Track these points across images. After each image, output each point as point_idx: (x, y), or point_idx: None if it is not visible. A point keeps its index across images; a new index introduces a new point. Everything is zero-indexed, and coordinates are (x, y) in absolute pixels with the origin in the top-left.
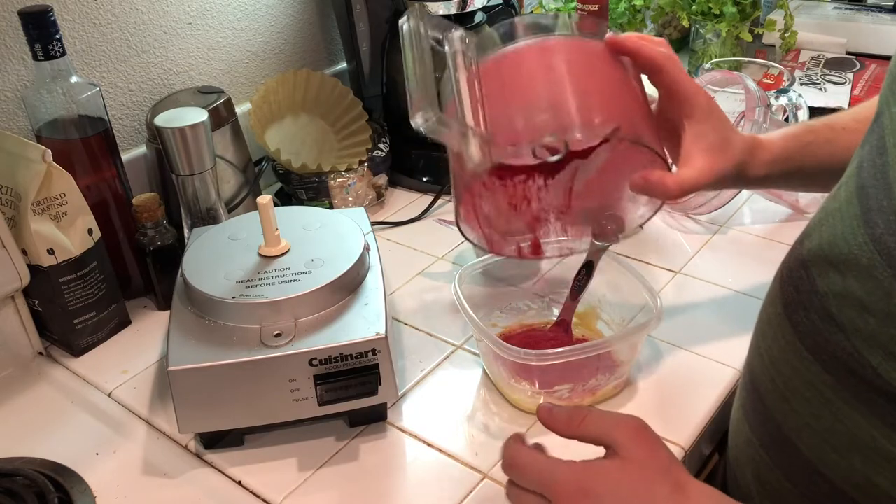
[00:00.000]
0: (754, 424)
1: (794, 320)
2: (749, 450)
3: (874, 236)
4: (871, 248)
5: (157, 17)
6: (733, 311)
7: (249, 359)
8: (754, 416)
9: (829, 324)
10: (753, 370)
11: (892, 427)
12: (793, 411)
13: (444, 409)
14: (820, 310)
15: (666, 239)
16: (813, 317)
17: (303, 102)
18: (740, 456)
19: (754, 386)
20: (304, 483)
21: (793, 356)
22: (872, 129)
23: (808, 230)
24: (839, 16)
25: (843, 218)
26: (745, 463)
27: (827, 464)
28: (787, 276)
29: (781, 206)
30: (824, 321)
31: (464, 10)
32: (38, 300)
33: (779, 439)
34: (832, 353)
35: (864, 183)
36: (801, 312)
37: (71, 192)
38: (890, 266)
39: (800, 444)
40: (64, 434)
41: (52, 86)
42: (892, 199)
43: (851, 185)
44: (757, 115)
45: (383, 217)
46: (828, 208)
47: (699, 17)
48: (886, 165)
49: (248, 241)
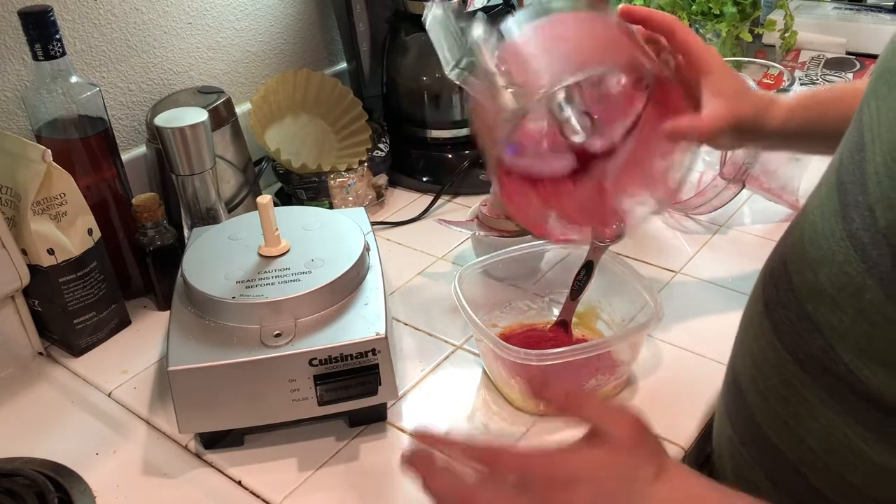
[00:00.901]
0: (736, 422)
1: (774, 318)
2: (730, 447)
3: (850, 231)
4: (847, 243)
5: (157, 17)
6: (733, 312)
7: (249, 359)
8: (736, 413)
9: (806, 322)
10: (736, 368)
11: (865, 425)
12: (771, 410)
13: (444, 409)
14: (797, 308)
15: (666, 239)
16: (791, 315)
17: (303, 102)
18: (723, 453)
19: (736, 384)
20: (304, 483)
21: (772, 354)
22: (853, 125)
23: (790, 227)
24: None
25: (822, 214)
26: (727, 460)
27: (805, 462)
28: (769, 275)
29: (781, 206)
30: (801, 319)
31: (464, 10)
32: (38, 300)
33: (759, 437)
34: (808, 352)
35: (843, 178)
36: (780, 311)
37: (71, 192)
38: (863, 261)
39: (779, 442)
40: (64, 434)
41: (52, 86)
42: (868, 195)
43: (832, 181)
44: None
45: (383, 217)
46: (808, 205)
47: (699, 17)
48: (864, 161)
49: (248, 241)
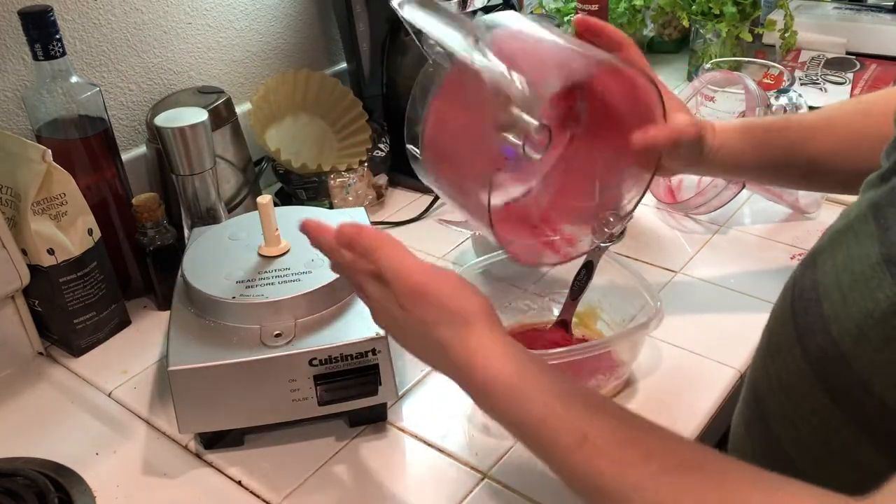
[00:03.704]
0: (757, 444)
1: (805, 345)
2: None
3: (885, 255)
4: (882, 267)
5: (157, 17)
6: (733, 311)
7: (249, 359)
8: (759, 437)
9: (834, 350)
10: (758, 390)
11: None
12: (800, 439)
13: (444, 409)
14: (825, 335)
15: (666, 239)
16: (819, 342)
17: (303, 102)
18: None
19: (759, 406)
20: (304, 483)
21: (803, 383)
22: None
23: (818, 249)
24: (839, 16)
25: (856, 236)
26: None
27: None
28: (799, 298)
29: (781, 206)
30: (830, 347)
31: (464, 10)
32: (38, 300)
33: (782, 463)
34: (837, 382)
35: (880, 201)
36: (810, 336)
37: (71, 192)
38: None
39: (805, 472)
40: (64, 434)
41: (52, 86)
42: None
43: (863, 204)
44: (757, 116)
45: (383, 217)
46: (837, 227)
47: (699, 17)
48: None
49: (248, 241)
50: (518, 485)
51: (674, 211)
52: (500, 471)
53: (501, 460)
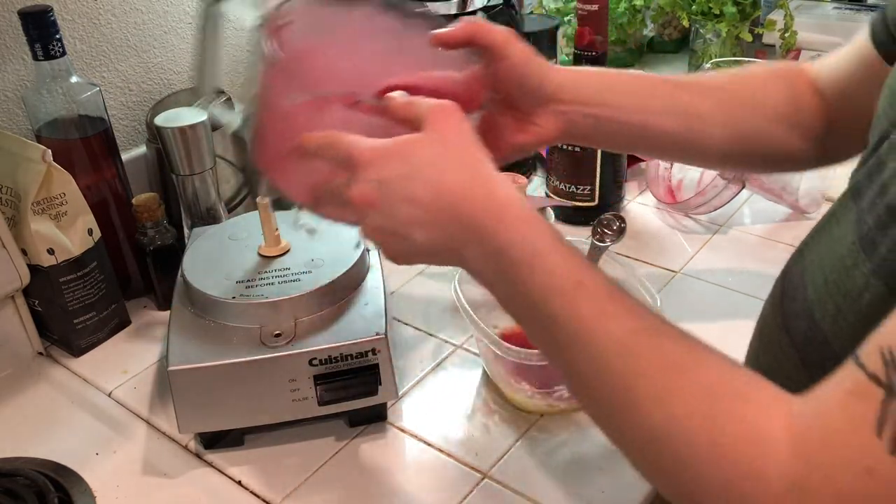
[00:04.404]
0: None
1: (790, 332)
2: None
3: (861, 234)
4: (858, 245)
5: (157, 17)
6: (733, 311)
7: (249, 359)
8: None
9: (817, 333)
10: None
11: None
12: None
13: (444, 409)
14: (810, 320)
15: (666, 239)
16: (804, 327)
17: None
18: None
19: None
20: (304, 483)
21: (790, 367)
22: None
23: (806, 239)
24: (839, 16)
25: (838, 221)
26: None
27: None
28: (788, 287)
29: (781, 205)
30: (814, 331)
31: (464, 10)
32: (38, 300)
33: None
34: (821, 365)
35: (859, 182)
36: (795, 323)
37: (71, 192)
38: (870, 260)
39: None
40: (64, 434)
41: (52, 86)
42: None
43: (847, 190)
44: None
45: None
46: (825, 215)
47: (699, 17)
48: (882, 166)
49: (248, 241)
50: (518, 485)
51: (674, 211)
52: (500, 471)
53: (501, 460)
